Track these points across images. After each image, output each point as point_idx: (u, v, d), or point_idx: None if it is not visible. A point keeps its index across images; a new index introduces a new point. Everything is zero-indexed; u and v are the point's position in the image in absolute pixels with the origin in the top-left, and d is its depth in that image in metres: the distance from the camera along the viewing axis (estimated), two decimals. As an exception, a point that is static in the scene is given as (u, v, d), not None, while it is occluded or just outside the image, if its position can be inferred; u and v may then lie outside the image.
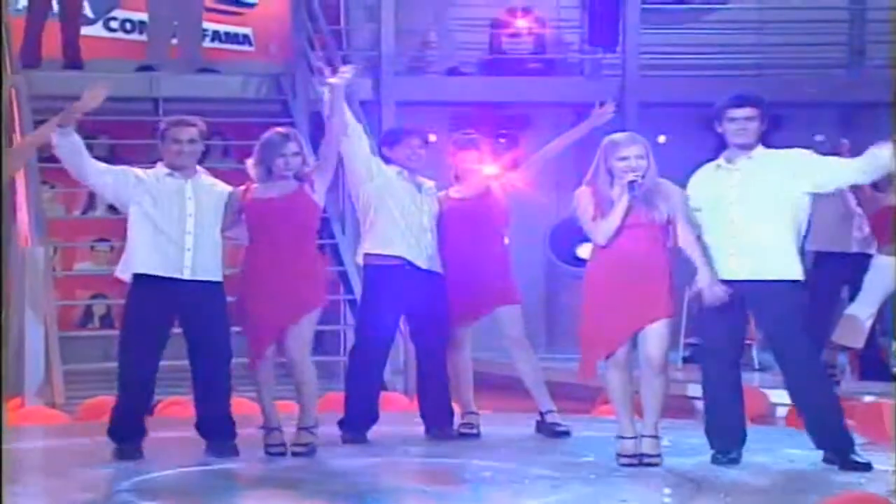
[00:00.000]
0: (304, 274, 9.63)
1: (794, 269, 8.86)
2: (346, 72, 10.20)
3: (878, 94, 16.64)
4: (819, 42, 16.75)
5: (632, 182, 8.58)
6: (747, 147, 8.87)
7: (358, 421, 10.22)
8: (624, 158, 8.73)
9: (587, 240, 9.29)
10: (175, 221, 9.45)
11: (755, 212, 8.80)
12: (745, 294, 8.81)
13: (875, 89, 16.87)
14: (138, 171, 9.62)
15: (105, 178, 9.54)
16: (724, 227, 8.86)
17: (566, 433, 10.24)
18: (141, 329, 9.59)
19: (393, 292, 10.17)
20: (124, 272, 9.62)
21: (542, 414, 10.43)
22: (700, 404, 10.06)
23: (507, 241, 10.75)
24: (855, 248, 10.74)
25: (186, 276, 9.44)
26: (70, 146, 9.18)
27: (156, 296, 9.48)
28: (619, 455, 8.94)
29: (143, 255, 9.48)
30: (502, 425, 10.78)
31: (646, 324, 8.87)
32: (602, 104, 10.72)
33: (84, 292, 13.33)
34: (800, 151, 9.04)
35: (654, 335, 8.84)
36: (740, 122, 8.82)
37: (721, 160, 9.01)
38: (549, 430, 10.31)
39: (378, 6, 15.70)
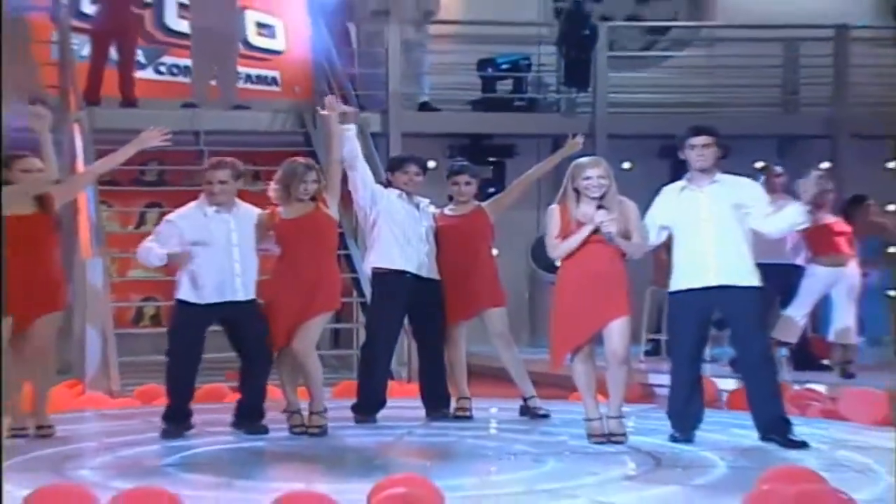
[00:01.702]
0: (321, 281, 9.69)
1: (755, 278, 8.98)
2: (349, 116, 10.34)
3: (808, 129, 16.65)
4: (759, 84, 16.72)
5: (608, 233, 8.68)
6: (706, 170, 8.97)
7: (368, 405, 10.31)
8: (588, 178, 8.82)
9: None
10: (223, 251, 9.54)
11: (723, 230, 8.90)
12: (716, 299, 8.94)
13: (805, 125, 16.86)
14: (178, 221, 9.67)
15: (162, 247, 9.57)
16: (697, 243, 8.95)
17: (546, 415, 10.32)
18: (187, 342, 9.70)
19: (397, 298, 10.27)
20: (182, 295, 9.63)
21: (524, 399, 10.50)
22: (660, 391, 10.06)
23: (494, 252, 10.80)
24: (786, 259, 10.62)
25: (240, 297, 9.59)
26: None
27: (200, 313, 9.58)
28: (590, 435, 9.03)
29: (187, 283, 9.55)
30: (491, 409, 10.75)
31: (606, 323, 8.96)
32: (575, 135, 10.76)
33: (136, 295, 13.29)
34: (752, 185, 9.36)
35: (616, 332, 8.93)
36: (699, 148, 8.92)
37: (684, 182, 9.09)
38: (531, 413, 10.40)
39: (385, 56, 15.55)
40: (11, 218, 8.97)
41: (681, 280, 9.04)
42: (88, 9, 16.20)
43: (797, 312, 12.53)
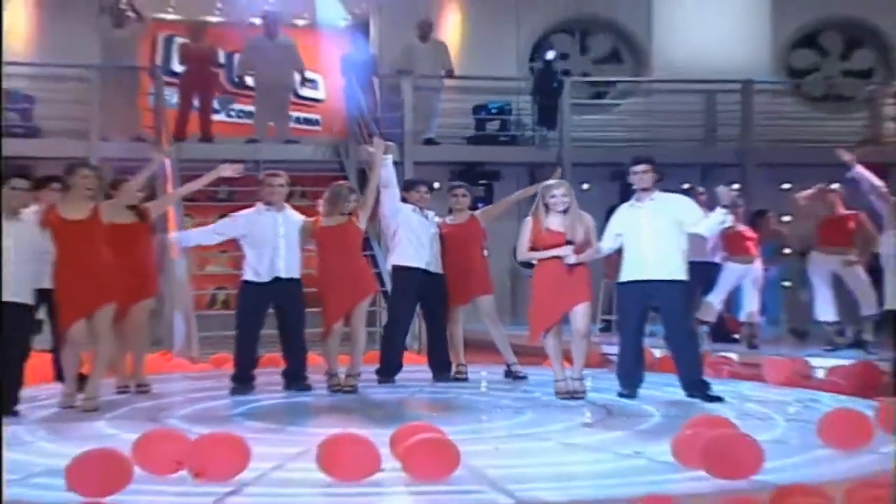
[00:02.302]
0: (359, 274, 9.82)
1: (683, 273, 9.09)
2: (389, 149, 10.47)
3: (723, 159, 16.64)
4: (685, 125, 16.70)
5: (568, 263, 8.88)
6: (646, 190, 9.05)
7: (389, 370, 10.32)
8: (554, 196, 8.95)
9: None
10: (270, 240, 9.53)
11: (658, 236, 8.97)
12: (653, 289, 8.98)
13: (721, 156, 16.85)
14: (239, 217, 9.84)
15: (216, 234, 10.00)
16: (639, 246, 9.02)
17: (524, 377, 10.35)
18: (251, 307, 9.70)
19: (411, 288, 10.30)
20: (245, 276, 9.72)
21: (508, 365, 10.52)
22: (611, 359, 10.08)
23: (485, 252, 10.81)
24: (708, 258, 10.62)
25: (283, 275, 9.58)
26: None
27: (260, 290, 9.59)
28: (557, 392, 9.08)
29: (250, 268, 9.64)
30: (482, 372, 10.70)
31: (572, 307, 9.01)
32: (555, 165, 11.20)
33: (211, 285, 13.32)
34: (684, 200, 9.42)
35: (579, 314, 9.02)
36: (640, 174, 9.03)
37: (632, 201, 9.19)
38: (513, 376, 10.42)
39: (401, 103, 15.53)
40: (117, 226, 9.03)
41: (627, 274, 9.10)
42: (177, 68, 16.19)
43: (715, 298, 12.55)
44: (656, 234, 8.97)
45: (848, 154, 11.59)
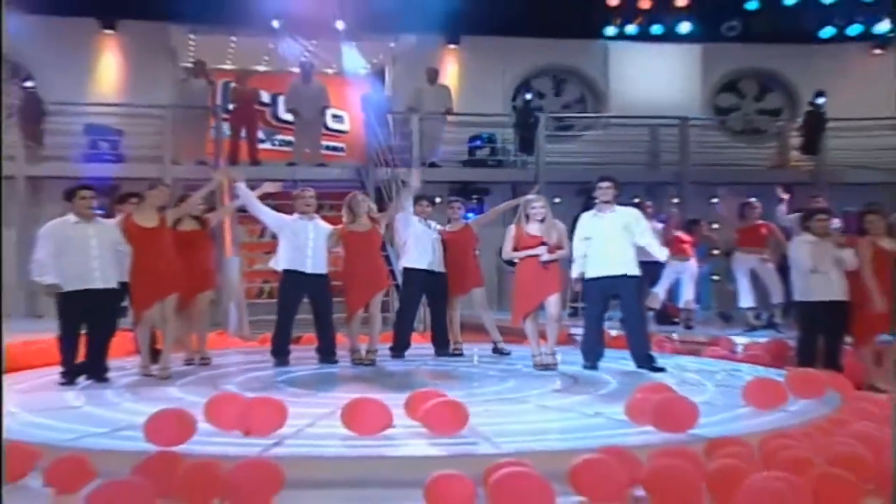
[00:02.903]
0: (377, 271, 9.80)
1: (636, 270, 9.05)
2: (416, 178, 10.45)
3: (665, 178, 16.59)
4: (635, 151, 16.68)
5: (544, 261, 8.85)
6: (607, 203, 9.05)
7: (400, 347, 10.24)
8: (534, 208, 8.96)
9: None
10: (303, 242, 9.51)
11: (617, 240, 8.95)
12: (612, 282, 8.96)
13: (663, 176, 16.80)
14: (284, 216, 9.72)
15: (269, 219, 9.73)
16: (601, 248, 8.98)
17: (508, 353, 10.25)
18: (289, 297, 9.68)
19: (418, 284, 10.25)
20: (276, 265, 9.70)
21: (495, 343, 10.45)
22: (578, 338, 10.03)
23: (477, 253, 10.73)
24: (651, 258, 10.57)
25: (309, 270, 9.52)
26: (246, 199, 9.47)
27: (294, 280, 9.55)
28: (534, 365, 9.05)
29: (286, 259, 9.56)
30: (474, 349, 10.57)
31: (547, 297, 8.97)
32: (533, 183, 11.15)
33: (258, 279, 13.25)
34: (635, 213, 9.27)
35: (553, 301, 8.97)
36: (604, 189, 9.06)
37: (595, 211, 9.15)
38: (499, 352, 10.34)
39: (410, 134, 15.49)
40: (182, 232, 9.15)
41: (592, 271, 9.03)
42: (231, 107, 16.14)
43: (660, 290, 12.49)
44: (616, 238, 8.93)
45: (783, 192, 12.14)
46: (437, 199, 11.38)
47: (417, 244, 10.12)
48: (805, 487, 4.67)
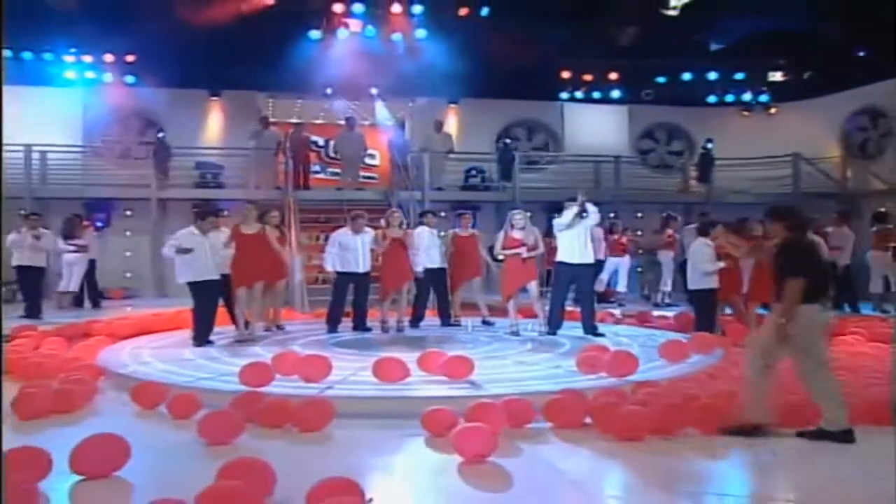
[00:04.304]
0: (404, 267, 9.48)
1: (591, 259, 8.94)
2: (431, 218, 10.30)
3: (605, 199, 16.44)
4: (582, 179, 16.28)
5: (525, 256, 8.73)
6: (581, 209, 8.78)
7: (416, 320, 10.07)
8: (516, 218, 8.94)
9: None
10: (354, 250, 9.40)
11: (583, 238, 8.79)
12: (576, 269, 8.75)
13: (603, 196, 16.64)
14: (338, 236, 9.59)
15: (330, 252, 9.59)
16: (571, 242, 8.76)
17: (492, 324, 10.01)
18: (343, 287, 9.56)
19: (428, 278, 10.04)
20: (332, 268, 9.56)
21: (483, 317, 10.25)
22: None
23: (481, 251, 10.40)
24: (600, 257, 10.58)
25: (360, 270, 9.43)
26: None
27: (346, 277, 9.47)
28: (510, 332, 8.98)
29: (340, 263, 9.46)
30: (469, 321, 10.34)
31: (527, 282, 8.93)
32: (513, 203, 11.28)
33: (315, 270, 13.06)
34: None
35: (533, 286, 8.95)
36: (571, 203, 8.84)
37: (574, 217, 8.79)
38: (486, 323, 10.11)
39: (423, 167, 15.37)
40: (269, 236, 9.13)
41: (563, 258, 8.82)
42: (289, 145, 15.90)
43: (603, 277, 12.50)
44: (583, 236, 8.78)
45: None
46: (443, 214, 11.29)
47: (426, 251, 9.91)
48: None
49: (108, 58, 16.17)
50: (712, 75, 18.27)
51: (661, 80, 18.26)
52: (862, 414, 4.90)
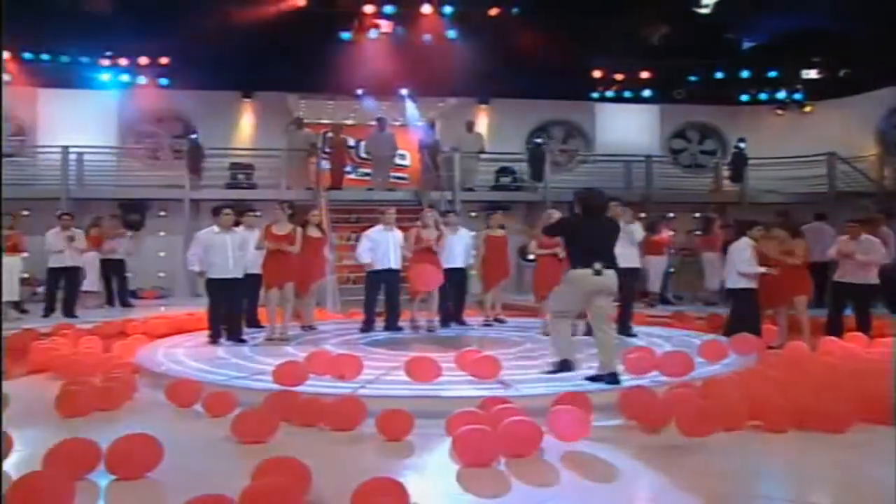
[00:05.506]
0: (437, 268, 9.26)
1: (637, 263, 8.95)
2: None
3: (635, 199, 16.34)
4: (614, 178, 16.21)
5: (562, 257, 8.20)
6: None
7: (445, 321, 9.92)
8: (551, 216, 8.37)
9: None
10: (385, 247, 9.42)
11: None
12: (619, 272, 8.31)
13: (635, 196, 16.48)
14: (370, 233, 9.57)
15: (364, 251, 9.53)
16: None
17: (504, 322, 9.99)
18: (375, 286, 9.60)
19: (453, 278, 9.84)
20: (366, 264, 9.57)
21: (486, 318, 10.19)
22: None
23: (508, 251, 10.44)
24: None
25: (393, 266, 9.43)
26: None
27: (378, 275, 9.47)
28: (542, 332, 8.77)
29: (373, 260, 9.47)
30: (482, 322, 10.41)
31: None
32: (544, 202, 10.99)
33: (347, 270, 13.15)
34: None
35: None
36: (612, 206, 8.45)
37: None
38: (499, 321, 10.10)
39: (453, 167, 15.38)
40: (309, 238, 9.19)
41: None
42: (328, 150, 16.03)
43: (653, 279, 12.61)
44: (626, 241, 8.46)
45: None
46: (473, 214, 11.24)
47: (451, 249, 9.83)
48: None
49: (143, 60, 16.43)
50: (745, 74, 18.05)
51: (693, 78, 18.12)
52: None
